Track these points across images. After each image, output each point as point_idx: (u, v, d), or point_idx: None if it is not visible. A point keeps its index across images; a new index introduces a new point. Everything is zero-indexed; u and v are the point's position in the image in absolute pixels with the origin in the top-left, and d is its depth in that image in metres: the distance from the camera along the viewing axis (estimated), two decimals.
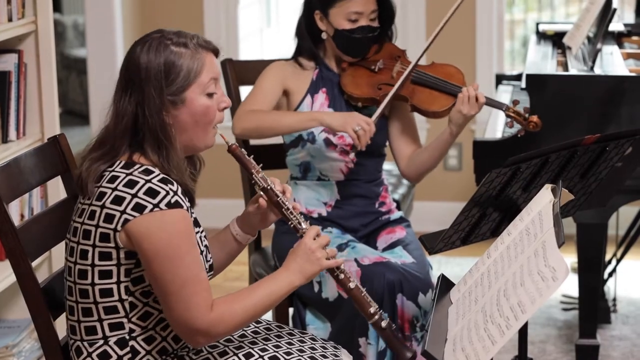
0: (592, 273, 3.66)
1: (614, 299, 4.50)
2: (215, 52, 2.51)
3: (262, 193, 2.61)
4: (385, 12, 3.45)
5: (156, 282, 2.37)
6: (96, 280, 2.43)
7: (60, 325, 2.73)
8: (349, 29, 3.39)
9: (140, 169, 2.40)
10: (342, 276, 2.58)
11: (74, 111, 8.49)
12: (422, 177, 3.53)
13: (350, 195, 3.50)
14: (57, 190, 3.53)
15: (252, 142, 3.78)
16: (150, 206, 2.35)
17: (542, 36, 4.54)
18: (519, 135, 3.40)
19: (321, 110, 3.41)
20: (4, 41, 3.45)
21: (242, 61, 4.06)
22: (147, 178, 2.38)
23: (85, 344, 2.47)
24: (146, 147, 2.42)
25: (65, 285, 2.51)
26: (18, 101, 3.53)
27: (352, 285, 2.58)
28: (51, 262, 3.62)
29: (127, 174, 2.39)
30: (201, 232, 2.54)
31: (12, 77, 3.50)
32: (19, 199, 3.35)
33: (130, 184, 2.38)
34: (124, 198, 2.36)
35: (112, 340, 2.46)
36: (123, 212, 2.36)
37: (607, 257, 4.47)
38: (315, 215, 3.50)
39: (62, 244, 2.67)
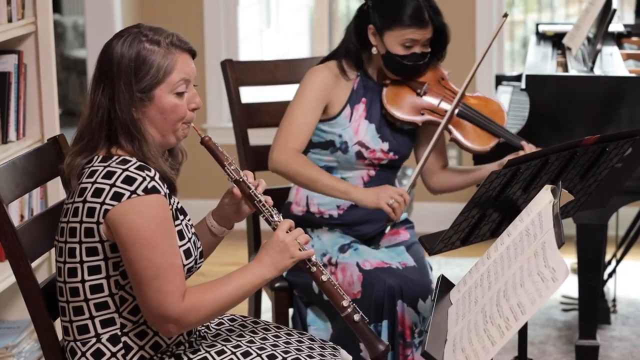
0: (592, 274, 3.66)
1: (614, 300, 4.50)
2: (192, 53, 2.51)
3: (234, 185, 2.61)
4: (440, 38, 3.38)
5: (131, 268, 2.38)
6: (86, 277, 2.44)
7: (60, 326, 2.73)
8: (402, 55, 3.33)
9: (117, 160, 2.42)
10: (314, 269, 2.57)
11: (73, 112, 8.47)
12: (444, 193, 3.57)
13: None
14: (57, 190, 3.53)
15: (253, 142, 3.78)
16: (127, 193, 2.36)
17: (542, 37, 4.54)
18: None
19: (354, 188, 3.33)
20: (3, 42, 3.44)
21: (242, 62, 4.06)
22: (124, 167, 2.40)
23: (79, 343, 2.47)
24: (120, 140, 2.44)
25: (56, 287, 2.52)
26: (18, 102, 3.53)
27: (324, 278, 2.57)
28: (51, 262, 3.62)
29: (105, 166, 2.41)
30: (188, 221, 2.54)
31: (12, 78, 3.50)
32: (18, 199, 3.35)
33: (108, 175, 2.39)
34: (103, 189, 2.38)
35: (104, 338, 2.46)
36: (103, 203, 2.37)
37: (607, 257, 4.47)
38: (326, 215, 3.48)
39: None
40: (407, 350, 3.28)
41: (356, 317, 2.57)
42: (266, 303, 4.06)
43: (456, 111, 3.41)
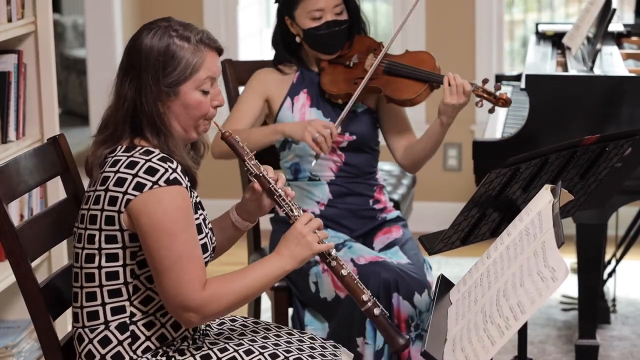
0: (591, 273, 3.66)
1: (614, 300, 4.50)
2: (219, 51, 2.54)
3: (254, 180, 2.62)
4: (349, 4, 3.46)
5: (151, 257, 2.40)
6: (103, 264, 2.46)
7: (60, 326, 2.73)
8: (314, 27, 3.41)
9: (141, 151, 2.44)
10: (334, 263, 2.59)
11: (73, 112, 8.49)
12: (419, 167, 3.56)
13: (342, 194, 3.50)
14: (56, 190, 3.53)
15: None
16: (149, 184, 2.39)
17: (541, 37, 4.54)
18: (489, 112, 3.43)
19: (283, 123, 3.44)
20: (3, 41, 3.45)
21: (242, 61, 4.07)
22: (147, 158, 2.42)
23: (87, 330, 2.49)
24: (146, 133, 2.46)
25: (72, 273, 2.54)
26: (18, 101, 3.53)
27: (344, 272, 2.59)
28: (51, 262, 3.62)
29: (129, 156, 2.43)
30: (205, 215, 2.56)
31: (12, 78, 3.50)
32: (18, 199, 3.35)
33: (131, 164, 2.41)
34: (126, 179, 2.40)
35: (113, 325, 2.47)
36: (125, 192, 2.40)
37: (607, 257, 4.47)
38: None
39: (61, 244, 2.68)
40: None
41: (376, 311, 2.59)
42: (266, 303, 4.07)
43: (382, 68, 3.44)
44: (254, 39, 6.28)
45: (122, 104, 2.47)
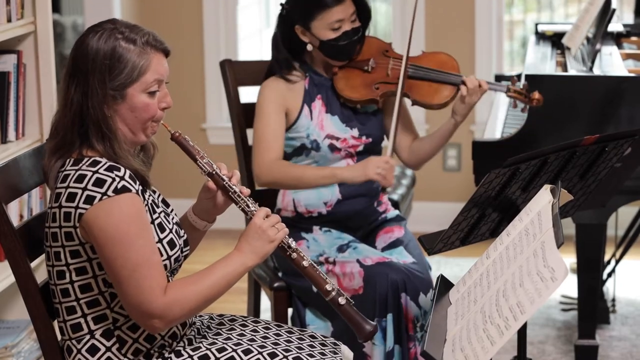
0: (591, 273, 3.66)
1: (613, 300, 4.50)
2: (166, 53, 2.51)
3: (208, 178, 2.61)
4: (363, 10, 3.46)
5: (109, 268, 2.39)
6: (74, 278, 2.45)
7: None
8: (335, 38, 3.40)
9: (88, 162, 2.42)
10: (294, 255, 2.58)
11: None
12: (423, 165, 3.60)
13: (351, 195, 3.49)
14: None
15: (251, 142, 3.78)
16: (99, 196, 2.37)
17: (541, 37, 4.55)
18: (522, 112, 3.50)
19: (338, 167, 3.42)
20: (3, 42, 3.45)
21: (241, 62, 4.07)
22: (94, 169, 2.40)
23: (74, 341, 2.49)
24: (91, 138, 2.44)
25: (50, 290, 2.53)
26: (17, 102, 3.53)
27: (305, 263, 2.58)
28: None
29: (77, 170, 2.41)
30: (171, 211, 2.55)
31: (11, 78, 3.50)
32: (18, 199, 3.35)
33: (80, 178, 2.40)
34: (76, 194, 2.39)
35: (98, 333, 2.47)
36: (77, 207, 2.38)
37: (607, 257, 4.47)
38: (315, 214, 3.50)
39: None
40: (410, 343, 3.29)
41: (341, 300, 2.57)
42: (265, 303, 4.07)
43: (407, 73, 3.45)
44: (253, 39, 6.29)
45: (69, 108, 2.44)
